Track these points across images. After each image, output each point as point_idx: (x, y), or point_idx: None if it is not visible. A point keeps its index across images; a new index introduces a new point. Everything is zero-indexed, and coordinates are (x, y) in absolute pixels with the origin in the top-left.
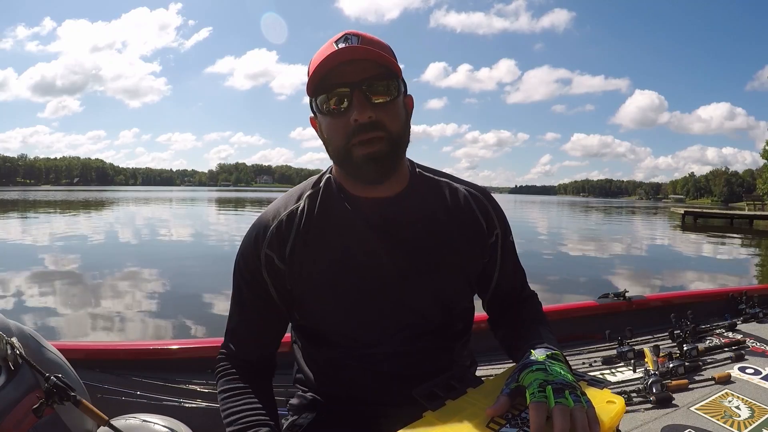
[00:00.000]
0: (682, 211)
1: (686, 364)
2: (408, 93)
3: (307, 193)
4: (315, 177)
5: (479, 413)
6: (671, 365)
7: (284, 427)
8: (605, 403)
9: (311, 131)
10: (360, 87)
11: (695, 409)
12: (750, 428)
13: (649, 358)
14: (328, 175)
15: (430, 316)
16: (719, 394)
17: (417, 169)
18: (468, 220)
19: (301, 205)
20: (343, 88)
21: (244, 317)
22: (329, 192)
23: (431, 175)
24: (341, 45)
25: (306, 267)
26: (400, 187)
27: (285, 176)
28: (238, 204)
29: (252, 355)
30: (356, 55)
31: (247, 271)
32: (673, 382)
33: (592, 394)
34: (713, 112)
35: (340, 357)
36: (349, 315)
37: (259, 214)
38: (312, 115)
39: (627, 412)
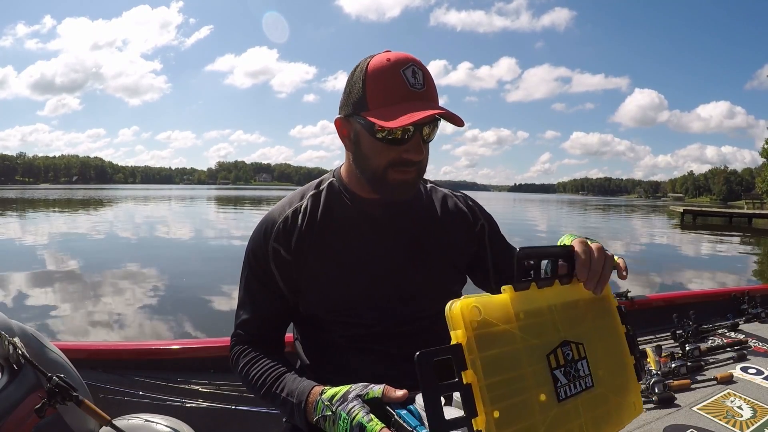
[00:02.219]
0: (681, 209)
1: (688, 364)
2: None
3: (310, 193)
4: (317, 180)
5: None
6: (673, 365)
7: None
8: (631, 402)
9: (311, 129)
10: (421, 129)
11: (697, 409)
12: (752, 428)
13: (651, 358)
14: (331, 179)
15: (424, 300)
16: (721, 394)
17: None
18: (455, 214)
19: (305, 203)
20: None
21: (253, 307)
22: (332, 192)
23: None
24: (410, 79)
25: (311, 257)
26: None
27: (284, 174)
28: (237, 202)
29: (262, 337)
30: (428, 107)
31: (256, 264)
32: (675, 382)
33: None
34: (713, 111)
35: (341, 340)
36: (351, 300)
37: (264, 212)
38: (341, 116)
39: None
